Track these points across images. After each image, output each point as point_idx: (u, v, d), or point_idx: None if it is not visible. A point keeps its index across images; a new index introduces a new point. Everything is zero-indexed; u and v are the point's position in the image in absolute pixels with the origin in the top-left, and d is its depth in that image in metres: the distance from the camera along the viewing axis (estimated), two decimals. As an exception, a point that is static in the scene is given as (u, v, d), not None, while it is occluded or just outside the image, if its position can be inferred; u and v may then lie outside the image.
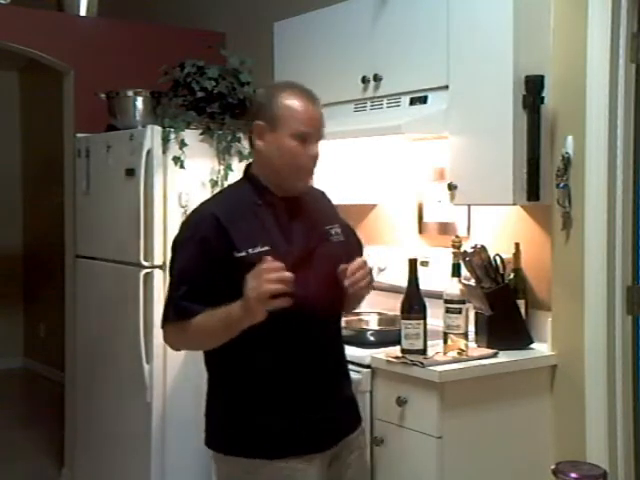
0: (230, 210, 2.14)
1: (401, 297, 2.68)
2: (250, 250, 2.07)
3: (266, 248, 2.07)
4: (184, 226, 2.23)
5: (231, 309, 2.00)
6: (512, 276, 2.92)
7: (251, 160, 2.28)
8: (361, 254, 2.34)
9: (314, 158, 2.17)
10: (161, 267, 3.64)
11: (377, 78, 3.16)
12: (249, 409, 2.15)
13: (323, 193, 2.36)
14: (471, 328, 2.86)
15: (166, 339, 2.26)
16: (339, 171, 3.38)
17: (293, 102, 2.14)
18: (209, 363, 2.28)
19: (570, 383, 2.78)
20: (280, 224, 2.16)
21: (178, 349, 2.36)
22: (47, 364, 6.94)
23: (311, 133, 2.15)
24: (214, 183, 3.73)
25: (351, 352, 2.70)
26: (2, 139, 7.46)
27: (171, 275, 2.20)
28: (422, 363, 2.58)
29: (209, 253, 2.08)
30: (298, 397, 2.15)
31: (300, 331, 2.13)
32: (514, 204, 2.80)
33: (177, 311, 2.12)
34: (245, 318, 1.98)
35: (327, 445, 2.19)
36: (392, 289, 3.19)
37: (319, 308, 2.12)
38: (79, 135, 4.25)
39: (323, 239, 2.22)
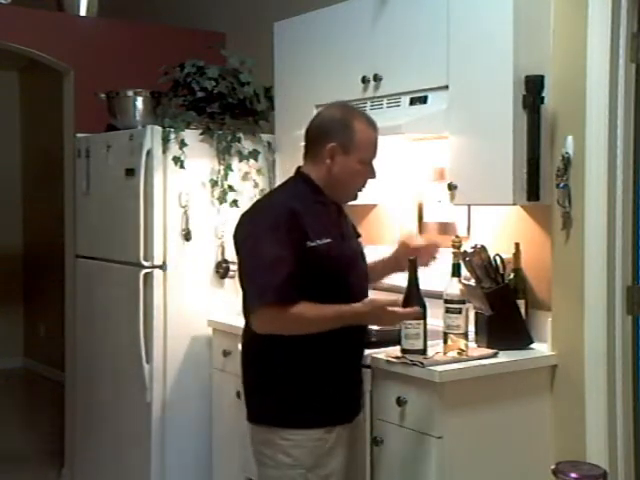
0: (301, 204, 2.40)
1: (401, 297, 2.67)
2: (319, 241, 2.37)
3: (329, 240, 2.39)
4: (264, 216, 2.42)
5: (350, 313, 2.39)
6: (512, 276, 2.92)
7: (303, 165, 2.54)
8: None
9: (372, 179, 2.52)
10: (161, 267, 3.65)
11: (377, 78, 3.16)
12: (297, 388, 2.43)
13: None
14: (471, 328, 2.85)
15: (263, 322, 2.38)
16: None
17: (366, 132, 2.46)
18: (259, 349, 2.47)
19: (570, 383, 2.78)
20: (333, 221, 2.50)
21: (268, 332, 2.41)
22: (47, 364, 6.94)
23: (373, 159, 2.50)
24: (214, 183, 3.73)
25: (351, 352, 2.72)
26: (2, 139, 7.46)
27: (257, 260, 2.35)
28: (422, 363, 2.58)
29: (292, 241, 2.33)
30: (340, 379, 2.48)
31: None
32: (514, 204, 2.79)
33: (282, 295, 2.31)
34: (364, 322, 2.49)
35: (352, 418, 2.54)
36: (392, 289, 3.18)
37: (362, 294, 2.52)
38: (79, 135, 4.26)
39: (358, 238, 2.66)
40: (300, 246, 2.33)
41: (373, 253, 3.52)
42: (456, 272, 2.77)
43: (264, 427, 2.45)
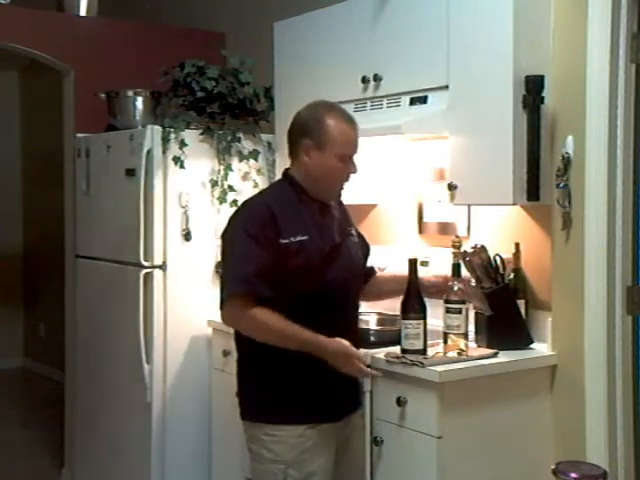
0: (278, 203, 2.48)
1: (401, 297, 2.68)
2: (292, 238, 2.43)
3: (305, 237, 2.44)
4: (242, 213, 2.54)
5: (312, 342, 2.38)
6: (512, 276, 2.92)
7: (289, 166, 2.58)
8: (368, 255, 2.78)
9: (352, 175, 2.53)
10: (161, 267, 3.65)
11: (377, 78, 3.16)
12: (278, 385, 2.48)
13: (341, 200, 2.69)
14: (471, 328, 2.85)
15: (228, 312, 2.45)
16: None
17: (340, 127, 2.47)
18: (245, 347, 2.54)
19: (570, 383, 2.78)
20: (315, 220, 2.52)
21: (231, 324, 2.51)
22: (47, 364, 6.94)
23: (352, 155, 2.51)
24: (214, 183, 3.73)
25: (351, 352, 2.72)
26: (2, 139, 7.46)
27: (232, 255, 2.46)
28: (422, 363, 2.58)
29: (266, 237, 2.40)
30: (322, 376, 2.46)
31: (330, 313, 2.47)
32: (514, 204, 2.80)
33: (249, 286, 2.38)
34: (321, 355, 2.41)
35: (339, 416, 2.53)
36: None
37: (343, 289, 2.51)
38: (79, 135, 4.26)
39: (346, 237, 2.61)
40: (274, 243, 2.40)
41: (372, 253, 3.54)
42: (456, 272, 2.77)
43: (250, 423, 2.53)
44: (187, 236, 3.67)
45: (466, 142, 2.87)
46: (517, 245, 2.95)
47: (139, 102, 3.92)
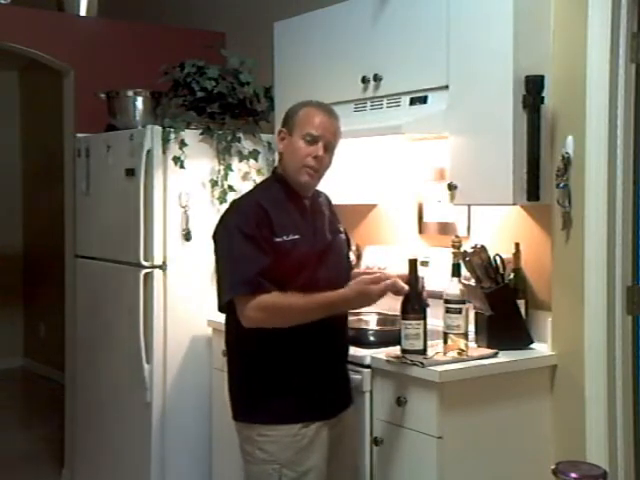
0: (270, 201, 2.48)
1: (401, 297, 2.67)
2: (285, 237, 2.44)
3: (297, 237, 2.46)
4: (234, 213, 2.52)
5: (337, 299, 2.42)
6: (512, 276, 2.92)
7: (277, 163, 2.64)
8: (350, 250, 2.84)
9: (316, 158, 2.48)
10: (161, 267, 3.65)
11: (377, 78, 3.16)
12: (270, 385, 2.48)
13: (327, 197, 2.73)
14: (471, 328, 2.85)
15: (243, 315, 2.40)
16: (339, 171, 3.37)
17: (309, 111, 2.52)
18: (236, 348, 2.56)
19: (570, 383, 2.78)
20: (306, 218, 2.55)
21: (254, 325, 2.42)
22: (47, 364, 6.94)
23: (318, 137, 2.48)
24: (214, 183, 3.73)
25: (351, 352, 2.72)
26: (2, 139, 7.46)
27: (229, 256, 2.44)
28: (422, 363, 2.58)
29: (262, 237, 2.40)
30: (314, 375, 2.50)
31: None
32: (514, 204, 2.79)
33: (254, 286, 2.36)
34: (347, 308, 2.56)
35: (332, 414, 2.54)
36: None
37: (333, 287, 2.47)
38: (79, 135, 4.26)
39: (336, 234, 2.65)
40: (269, 241, 2.41)
41: (372, 253, 3.54)
42: (456, 272, 2.77)
43: (244, 424, 2.53)
44: (187, 236, 3.67)
45: (466, 142, 2.87)
46: (517, 245, 2.94)
47: (139, 102, 3.92)
